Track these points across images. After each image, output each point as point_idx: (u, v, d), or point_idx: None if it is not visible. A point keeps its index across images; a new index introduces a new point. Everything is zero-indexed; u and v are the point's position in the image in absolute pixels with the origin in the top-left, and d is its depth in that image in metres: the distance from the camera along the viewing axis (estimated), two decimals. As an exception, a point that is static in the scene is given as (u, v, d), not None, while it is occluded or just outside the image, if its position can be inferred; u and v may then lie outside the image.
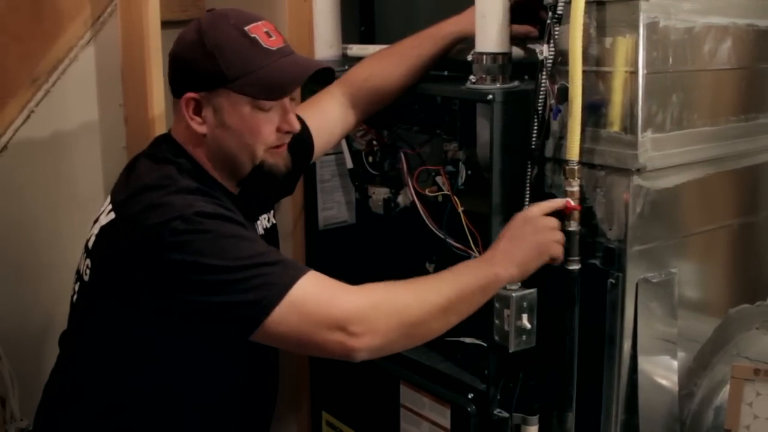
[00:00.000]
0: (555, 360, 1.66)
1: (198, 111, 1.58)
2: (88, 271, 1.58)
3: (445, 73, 1.96)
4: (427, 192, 1.91)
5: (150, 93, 2.07)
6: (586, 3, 1.53)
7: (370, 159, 2.14)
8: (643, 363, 1.62)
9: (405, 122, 2.03)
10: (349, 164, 2.20)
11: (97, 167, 2.22)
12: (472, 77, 1.72)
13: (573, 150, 1.57)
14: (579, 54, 1.54)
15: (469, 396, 1.77)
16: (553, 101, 1.63)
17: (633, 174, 1.55)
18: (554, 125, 1.65)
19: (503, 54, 1.70)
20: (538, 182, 1.68)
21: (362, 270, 2.24)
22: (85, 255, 1.60)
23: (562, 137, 1.61)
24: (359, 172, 2.18)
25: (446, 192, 1.86)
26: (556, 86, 1.62)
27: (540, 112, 1.64)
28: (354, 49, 2.19)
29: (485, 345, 1.76)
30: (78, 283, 1.63)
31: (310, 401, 2.32)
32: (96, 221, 1.59)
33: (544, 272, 1.63)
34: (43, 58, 2.14)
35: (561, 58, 1.60)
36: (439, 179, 1.89)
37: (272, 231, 1.84)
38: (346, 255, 2.26)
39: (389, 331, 1.46)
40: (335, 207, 2.30)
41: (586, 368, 1.64)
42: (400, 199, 2.07)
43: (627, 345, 1.60)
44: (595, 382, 1.64)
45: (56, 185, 2.19)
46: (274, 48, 1.56)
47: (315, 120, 1.89)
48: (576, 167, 1.58)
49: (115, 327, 1.55)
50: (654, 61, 1.53)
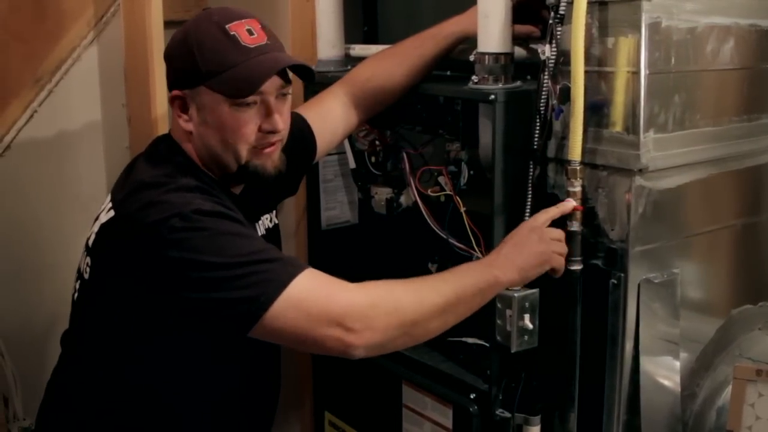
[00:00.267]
0: (557, 360, 1.66)
1: (185, 109, 1.59)
2: (88, 269, 1.58)
3: (448, 73, 1.95)
4: (430, 192, 1.91)
5: (153, 93, 2.08)
6: (588, 3, 1.53)
7: (373, 159, 2.13)
8: (645, 363, 1.61)
9: (408, 122, 2.03)
10: (352, 164, 2.19)
11: (100, 167, 2.23)
12: (475, 77, 1.72)
13: (575, 150, 1.57)
14: (581, 54, 1.53)
15: (472, 396, 1.77)
16: (556, 101, 1.63)
17: (635, 174, 1.54)
18: (556, 125, 1.65)
19: (505, 54, 1.69)
20: (541, 182, 1.68)
21: (365, 270, 2.24)
22: (86, 253, 1.60)
23: (565, 137, 1.61)
24: (362, 172, 2.17)
25: (448, 192, 1.86)
26: (559, 86, 1.62)
27: (542, 113, 1.64)
28: (357, 49, 2.19)
29: (487, 345, 1.76)
30: (78, 282, 1.63)
31: (313, 401, 2.32)
32: (96, 219, 1.59)
33: (547, 273, 1.63)
34: (46, 59, 2.15)
35: (563, 58, 1.60)
36: (442, 179, 1.88)
37: (274, 231, 1.84)
38: (349, 255, 2.26)
39: (387, 329, 1.46)
40: (338, 207, 2.30)
41: (588, 368, 1.64)
42: (403, 199, 2.07)
43: (629, 345, 1.60)
44: (597, 383, 1.64)
45: (59, 185, 2.20)
46: (252, 45, 1.54)
47: (318, 120, 1.89)
48: (578, 167, 1.58)
49: (115, 325, 1.55)
50: (656, 62, 1.53)
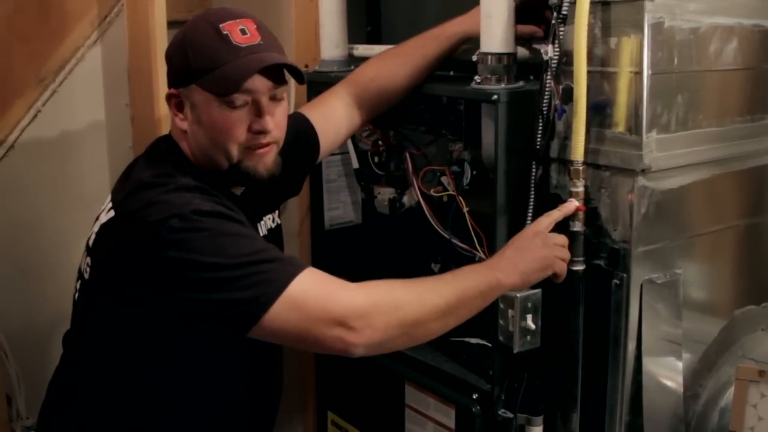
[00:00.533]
0: (559, 360, 1.66)
1: (181, 107, 1.59)
2: (89, 269, 1.58)
3: (451, 74, 1.95)
4: (432, 192, 1.91)
5: (156, 93, 2.08)
6: (591, 3, 1.53)
7: (376, 159, 2.13)
8: (648, 364, 1.61)
9: (411, 122, 2.03)
10: (355, 164, 2.19)
11: (104, 167, 2.23)
12: (477, 77, 1.72)
13: (578, 150, 1.57)
14: (584, 54, 1.53)
15: (474, 396, 1.77)
16: (558, 101, 1.63)
17: (638, 174, 1.54)
18: (559, 125, 1.65)
19: (508, 54, 1.69)
20: (543, 183, 1.68)
21: (368, 269, 2.23)
22: (86, 253, 1.60)
23: (567, 137, 1.61)
24: (365, 172, 2.17)
25: (451, 192, 1.86)
26: (561, 86, 1.62)
27: (545, 113, 1.64)
28: (360, 50, 2.19)
29: (490, 345, 1.76)
30: (79, 282, 1.63)
31: (316, 401, 2.32)
32: (96, 219, 1.59)
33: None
34: (50, 58, 2.16)
35: (566, 59, 1.60)
36: (444, 179, 1.88)
37: (276, 232, 1.83)
38: (352, 255, 2.26)
39: (388, 328, 1.45)
40: (341, 207, 2.30)
41: (591, 369, 1.64)
42: (406, 199, 2.07)
43: (631, 346, 1.60)
44: (600, 383, 1.64)
45: (63, 185, 2.21)
46: (244, 45, 1.53)
47: (321, 120, 1.89)
48: (581, 168, 1.58)
49: (115, 325, 1.55)
50: (659, 62, 1.53)
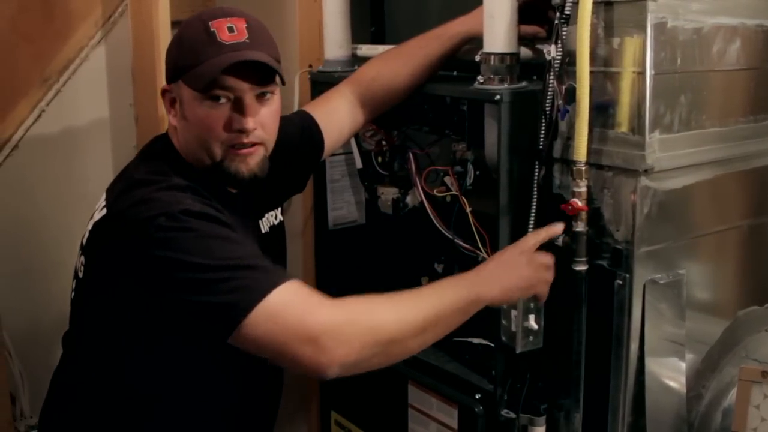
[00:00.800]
0: (562, 361, 1.66)
1: (173, 103, 1.60)
2: (83, 268, 1.58)
3: (455, 74, 1.95)
4: (436, 192, 1.91)
5: (160, 92, 2.08)
6: (594, 3, 1.53)
7: (380, 159, 2.13)
8: (651, 364, 1.61)
9: (414, 122, 2.03)
10: (359, 164, 2.20)
11: (108, 166, 2.24)
12: (480, 77, 1.71)
13: (580, 151, 1.56)
14: (586, 54, 1.53)
15: (477, 396, 1.77)
16: (561, 102, 1.62)
17: (640, 175, 1.54)
18: (562, 126, 1.64)
19: (511, 54, 1.69)
20: (546, 183, 1.67)
21: (371, 269, 2.25)
22: (80, 252, 1.60)
23: (570, 138, 1.61)
24: (369, 172, 2.18)
25: (454, 192, 1.86)
26: (564, 87, 1.61)
27: (548, 113, 1.64)
28: (364, 50, 2.19)
29: (493, 345, 1.76)
30: (75, 281, 1.64)
31: (320, 401, 2.32)
32: (91, 218, 1.59)
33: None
34: (54, 58, 2.17)
35: (569, 59, 1.60)
36: (448, 179, 1.88)
37: (279, 228, 1.83)
38: (356, 255, 2.27)
39: (364, 348, 1.41)
40: (345, 207, 2.30)
41: (594, 369, 1.64)
42: (409, 199, 2.07)
43: (634, 346, 1.60)
44: (603, 384, 1.63)
45: (67, 184, 2.21)
46: (228, 42, 1.52)
47: (324, 118, 1.90)
48: (583, 168, 1.58)
49: (110, 324, 1.55)
50: (662, 62, 1.52)
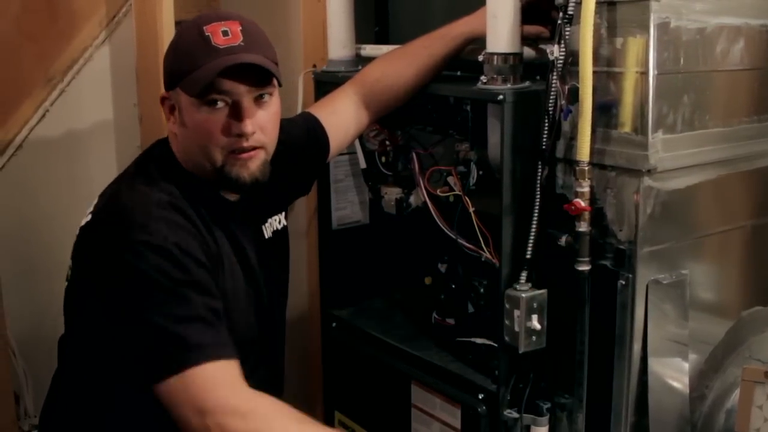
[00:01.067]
0: (565, 361, 1.65)
1: (172, 110, 1.59)
2: (69, 273, 1.59)
3: (458, 74, 1.95)
4: (439, 192, 1.91)
5: (159, 100, 2.08)
6: (597, 3, 1.53)
7: (383, 159, 2.13)
8: (654, 364, 1.61)
9: (418, 122, 2.03)
10: (363, 164, 2.20)
11: (112, 167, 2.24)
12: (483, 77, 1.72)
13: (583, 151, 1.56)
14: (589, 54, 1.53)
15: (480, 396, 1.77)
16: (564, 102, 1.62)
17: (643, 175, 1.54)
18: (565, 126, 1.64)
19: (514, 54, 1.69)
20: (549, 183, 1.67)
21: (375, 269, 2.26)
22: (71, 256, 1.61)
23: (573, 138, 1.61)
24: (372, 172, 2.18)
25: (457, 192, 1.86)
26: (567, 87, 1.61)
27: (551, 113, 1.64)
28: (368, 50, 2.19)
29: (496, 345, 1.76)
30: (66, 285, 1.63)
31: (323, 401, 2.32)
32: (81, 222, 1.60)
33: (554, 273, 1.63)
34: (58, 58, 2.17)
35: (572, 59, 1.59)
36: (451, 179, 1.88)
37: (282, 234, 1.82)
38: (360, 254, 2.27)
39: None
40: (349, 207, 2.30)
41: (597, 369, 1.63)
42: (412, 199, 2.07)
43: (637, 346, 1.60)
44: (606, 384, 1.63)
45: (71, 184, 2.21)
46: (222, 46, 1.50)
47: (330, 119, 1.90)
48: (586, 168, 1.58)
49: (94, 330, 1.53)
50: (665, 62, 1.52)
